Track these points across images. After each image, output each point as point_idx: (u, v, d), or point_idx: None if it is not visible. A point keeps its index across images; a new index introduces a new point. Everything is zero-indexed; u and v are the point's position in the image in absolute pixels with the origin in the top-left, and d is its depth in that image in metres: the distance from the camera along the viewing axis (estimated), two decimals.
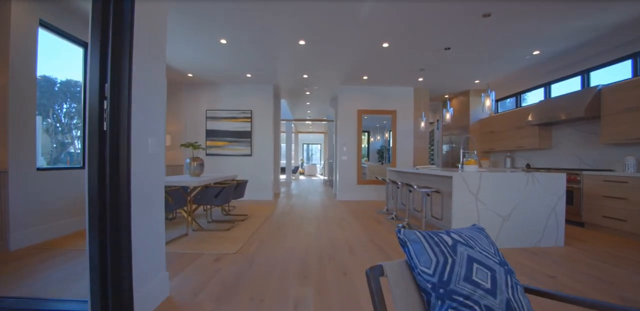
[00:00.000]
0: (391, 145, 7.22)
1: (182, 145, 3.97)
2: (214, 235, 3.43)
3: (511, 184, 3.08)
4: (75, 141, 4.30)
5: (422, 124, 5.41)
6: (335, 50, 4.53)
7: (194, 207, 4.50)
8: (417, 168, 4.29)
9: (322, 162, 18.37)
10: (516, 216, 3.09)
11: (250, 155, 6.50)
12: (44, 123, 3.99)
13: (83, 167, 4.26)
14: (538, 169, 5.17)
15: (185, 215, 3.59)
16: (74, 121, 4.34)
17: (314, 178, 15.20)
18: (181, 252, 2.82)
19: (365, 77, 5.98)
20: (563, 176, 3.16)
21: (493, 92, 3.45)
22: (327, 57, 4.83)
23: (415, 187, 3.27)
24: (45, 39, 3.36)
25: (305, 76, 5.91)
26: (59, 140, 4.21)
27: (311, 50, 4.53)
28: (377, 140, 7.48)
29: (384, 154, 7.49)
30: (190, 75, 5.93)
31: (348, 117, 6.63)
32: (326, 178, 12.23)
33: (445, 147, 8.26)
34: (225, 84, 6.55)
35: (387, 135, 7.34)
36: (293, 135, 16.02)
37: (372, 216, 4.72)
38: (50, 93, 3.99)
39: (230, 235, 3.43)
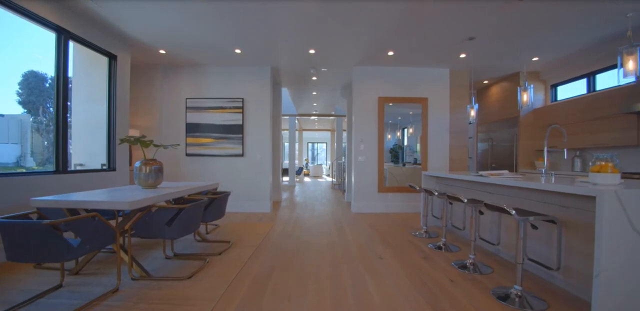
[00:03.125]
0: (420, 142, 5.83)
1: (122, 140, 2.59)
2: (161, 292, 2.03)
3: None
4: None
5: (472, 113, 3.97)
6: (356, 4, 3.11)
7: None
8: (479, 175, 2.86)
9: (329, 163, 16.98)
10: None
11: (241, 155, 5.11)
12: (34, 121, 3.45)
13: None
14: (631, 175, 3.70)
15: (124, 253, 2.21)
16: (69, 119, 3.93)
17: (320, 180, 13.82)
18: None
19: (390, 53, 4.54)
20: None
21: None
22: (343, 17, 3.41)
23: (514, 213, 1.83)
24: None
25: (311, 51, 4.49)
26: (50, 140, 3.85)
27: (321, 5, 3.12)
28: (395, 137, 6.08)
29: (398, 154, 6.12)
30: (162, 51, 4.55)
31: (366, 106, 5.20)
32: (334, 180, 10.82)
33: (481, 145, 6.79)
34: (209, 66, 5.16)
35: (411, 130, 5.92)
36: (297, 132, 14.65)
37: (410, 243, 3.29)
38: (40, 89, 3.75)
39: (189, 292, 2.03)
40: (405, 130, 6.07)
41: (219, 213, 2.98)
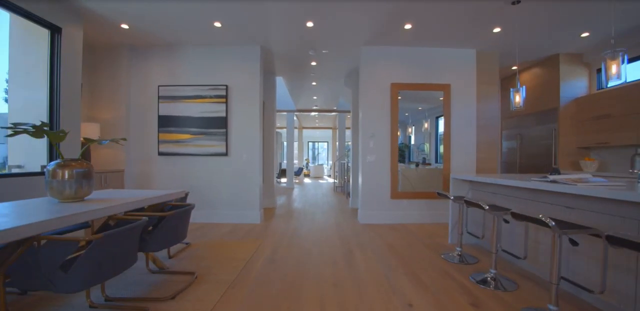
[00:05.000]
0: (442, 137, 4.97)
1: (14, 131, 1.71)
2: None
3: None
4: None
5: (517, 99, 3.06)
6: None
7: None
8: (551, 181, 1.96)
9: (330, 163, 16.10)
10: None
11: (225, 154, 4.21)
12: None
13: None
14: None
15: None
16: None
17: (320, 181, 12.94)
18: None
19: (408, 26, 3.63)
20: None
21: None
22: None
23: None
24: None
25: (309, 24, 3.60)
26: None
27: None
28: (406, 134, 5.20)
29: (404, 153, 5.26)
30: (124, 26, 3.66)
31: (376, 95, 4.30)
32: (336, 181, 9.93)
33: (506, 144, 5.88)
34: (185, 46, 4.27)
35: (426, 125, 5.04)
36: (296, 131, 13.79)
37: (445, 274, 2.39)
38: None
39: None
40: (414, 127, 5.22)
41: (174, 237, 2.08)
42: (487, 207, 2.09)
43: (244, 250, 2.95)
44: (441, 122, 4.68)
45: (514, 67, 5.30)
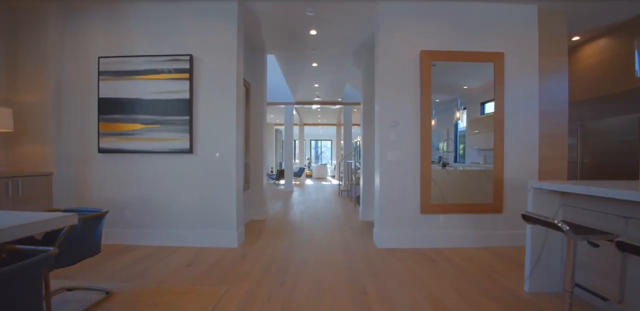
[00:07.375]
0: (459, 135, 3.85)
1: None
2: None
3: None
4: None
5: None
6: None
7: None
8: None
9: (334, 162, 14.91)
10: None
11: (189, 151, 3.03)
12: None
13: None
14: None
15: None
16: None
17: (324, 182, 11.76)
18: None
19: None
20: None
21: None
22: None
23: None
24: None
25: None
26: None
27: None
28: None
29: None
30: None
31: (401, 68, 3.08)
32: (341, 183, 8.72)
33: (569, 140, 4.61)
34: (134, 2, 3.09)
35: (458, 114, 3.84)
36: (297, 128, 12.62)
37: None
38: None
39: None
40: (435, 120, 4.05)
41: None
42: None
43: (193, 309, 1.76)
44: (464, 116, 3.61)
45: (576, 38, 4.06)
